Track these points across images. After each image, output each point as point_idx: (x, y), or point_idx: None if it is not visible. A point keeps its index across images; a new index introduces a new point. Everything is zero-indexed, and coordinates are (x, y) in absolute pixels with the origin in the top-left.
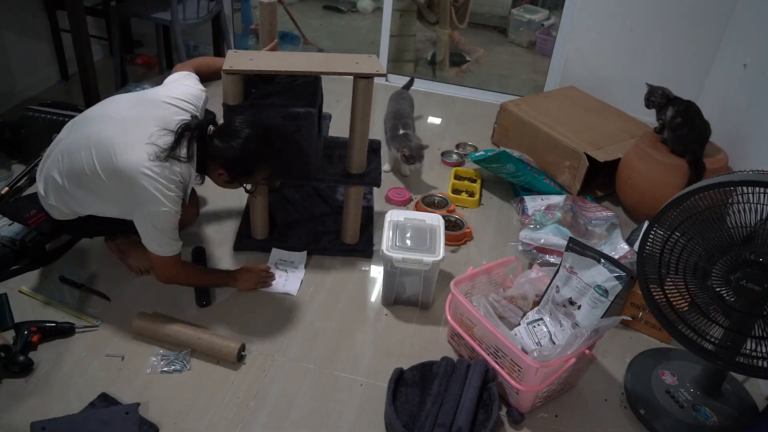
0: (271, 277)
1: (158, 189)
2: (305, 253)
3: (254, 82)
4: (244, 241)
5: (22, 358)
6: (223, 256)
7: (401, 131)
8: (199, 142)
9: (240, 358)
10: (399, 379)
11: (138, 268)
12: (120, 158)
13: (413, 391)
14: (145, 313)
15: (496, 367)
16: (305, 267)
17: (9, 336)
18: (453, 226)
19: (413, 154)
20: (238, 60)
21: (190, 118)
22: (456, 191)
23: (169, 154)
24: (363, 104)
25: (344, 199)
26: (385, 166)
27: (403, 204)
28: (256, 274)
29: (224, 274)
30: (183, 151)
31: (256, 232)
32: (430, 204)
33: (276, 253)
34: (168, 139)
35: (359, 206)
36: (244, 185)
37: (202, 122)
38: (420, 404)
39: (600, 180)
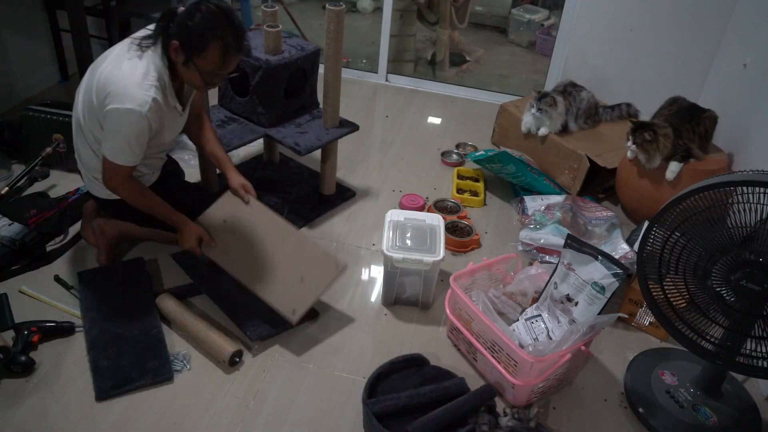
0: (212, 243)
1: (128, 85)
2: None
3: None
4: None
5: (23, 358)
6: None
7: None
8: (166, 22)
9: (233, 363)
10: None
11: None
12: (99, 72)
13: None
14: (169, 295)
15: (493, 361)
16: None
17: (9, 336)
18: (461, 232)
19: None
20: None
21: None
22: (460, 191)
23: (141, 43)
24: None
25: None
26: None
27: (418, 210)
28: (198, 236)
29: (174, 215)
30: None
31: None
32: (442, 209)
33: None
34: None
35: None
36: (205, 75)
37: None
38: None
39: (600, 181)
